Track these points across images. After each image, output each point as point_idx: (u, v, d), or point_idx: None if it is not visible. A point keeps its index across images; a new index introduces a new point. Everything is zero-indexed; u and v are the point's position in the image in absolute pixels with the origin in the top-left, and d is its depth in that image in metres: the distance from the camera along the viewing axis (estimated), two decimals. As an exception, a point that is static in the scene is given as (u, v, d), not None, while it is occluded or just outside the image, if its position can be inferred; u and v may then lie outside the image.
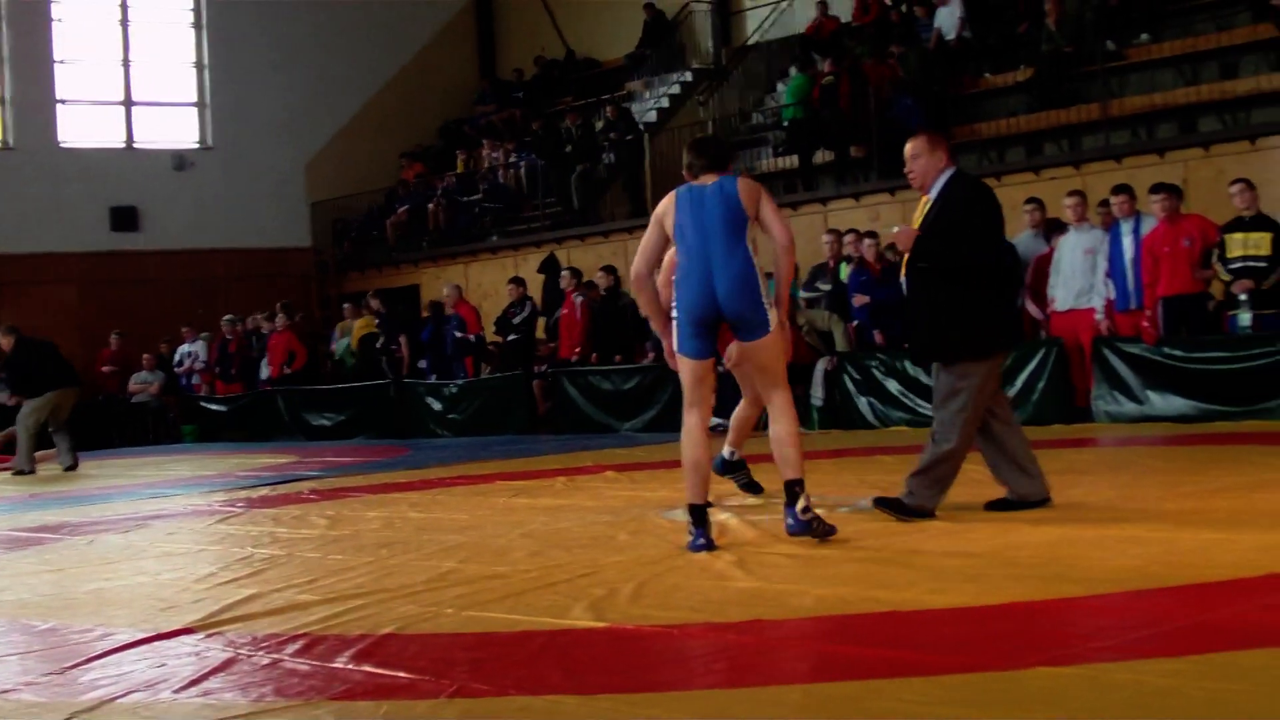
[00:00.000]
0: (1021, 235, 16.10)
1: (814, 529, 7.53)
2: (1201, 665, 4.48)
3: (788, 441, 7.70)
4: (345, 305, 26.59)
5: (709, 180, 7.85)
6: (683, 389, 7.85)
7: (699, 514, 7.71)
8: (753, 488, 9.82)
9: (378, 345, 23.94)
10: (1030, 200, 16.60)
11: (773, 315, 7.69)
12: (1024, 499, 8.32)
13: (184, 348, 26.84)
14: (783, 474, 7.75)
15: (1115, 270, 15.04)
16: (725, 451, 9.69)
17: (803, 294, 17.84)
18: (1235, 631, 4.95)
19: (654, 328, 8.41)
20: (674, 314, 7.96)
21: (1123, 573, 6.10)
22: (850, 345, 17.03)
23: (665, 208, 7.96)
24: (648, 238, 8.01)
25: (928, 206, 8.45)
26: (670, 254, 8.34)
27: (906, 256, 8.47)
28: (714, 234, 7.66)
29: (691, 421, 7.79)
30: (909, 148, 8.56)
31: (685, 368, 7.80)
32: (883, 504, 8.37)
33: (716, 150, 8.14)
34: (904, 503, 8.27)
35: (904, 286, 8.52)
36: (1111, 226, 15.22)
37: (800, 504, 7.57)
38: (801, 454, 7.71)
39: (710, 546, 7.57)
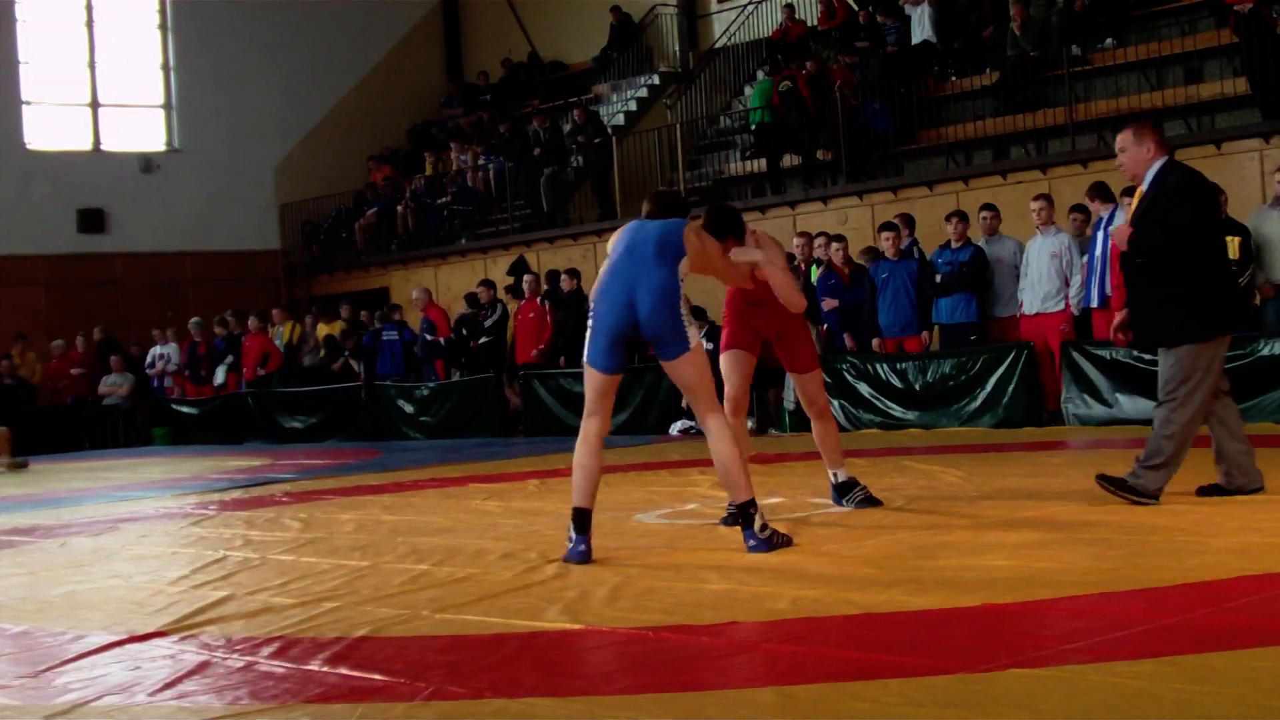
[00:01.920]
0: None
1: (774, 544, 7.50)
2: (1173, 667, 4.51)
3: (730, 465, 7.61)
4: (314, 308, 26.55)
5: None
6: (585, 397, 7.80)
7: (582, 519, 7.60)
8: (871, 501, 9.12)
9: (344, 354, 23.97)
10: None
11: (693, 334, 7.64)
12: (1240, 489, 8.34)
13: (156, 349, 26.74)
14: (733, 497, 7.75)
15: (1090, 267, 15.12)
16: (831, 476, 9.21)
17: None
18: (1206, 633, 4.99)
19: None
20: (589, 323, 7.81)
21: (1094, 575, 6.13)
22: (820, 348, 17.06)
23: (614, 237, 7.97)
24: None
25: (1140, 198, 8.41)
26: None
27: (1123, 252, 8.49)
28: (643, 254, 7.64)
29: (589, 428, 7.77)
30: (1118, 140, 8.52)
31: (593, 379, 7.74)
32: (1106, 481, 8.35)
33: (671, 200, 8.15)
34: (1128, 482, 8.25)
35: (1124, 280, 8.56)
36: (1095, 225, 15.31)
37: (757, 524, 7.54)
38: (746, 474, 7.65)
39: (588, 557, 7.46)
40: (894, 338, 16.49)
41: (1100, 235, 15.07)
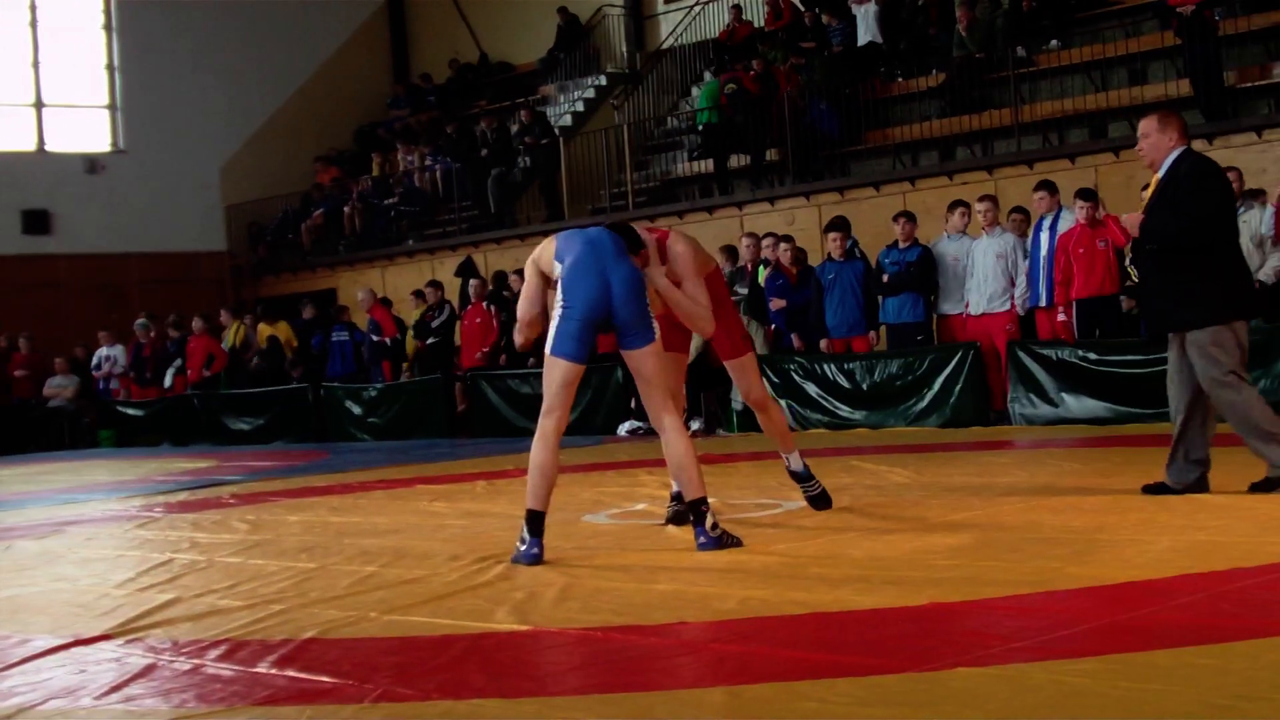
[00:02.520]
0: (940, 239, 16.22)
1: (724, 543, 7.52)
2: (1117, 665, 4.55)
3: (685, 463, 7.62)
4: (256, 309, 26.44)
5: None
6: (544, 392, 7.67)
7: (536, 521, 7.52)
8: (821, 502, 9.00)
9: (291, 356, 23.95)
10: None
11: (656, 327, 7.68)
12: (1187, 488, 8.32)
13: (102, 351, 26.58)
14: (686, 494, 7.75)
15: (1032, 266, 15.21)
16: (785, 461, 9.10)
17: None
18: (1150, 631, 5.03)
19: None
20: (555, 314, 7.74)
21: (1039, 574, 6.17)
22: (767, 349, 17.09)
23: (540, 251, 7.94)
24: (530, 284, 7.98)
25: (1156, 184, 8.39)
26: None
27: (1132, 243, 8.48)
28: (605, 249, 7.66)
29: (548, 426, 7.61)
30: (1140, 126, 8.51)
31: (558, 369, 7.61)
32: (1263, 488, 8.19)
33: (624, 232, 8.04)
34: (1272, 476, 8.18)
35: (1134, 274, 8.51)
36: (1036, 226, 15.40)
37: (708, 522, 7.55)
38: (699, 472, 7.64)
39: (539, 559, 7.42)
40: (841, 338, 16.52)
41: (1044, 236, 15.16)
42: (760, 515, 8.89)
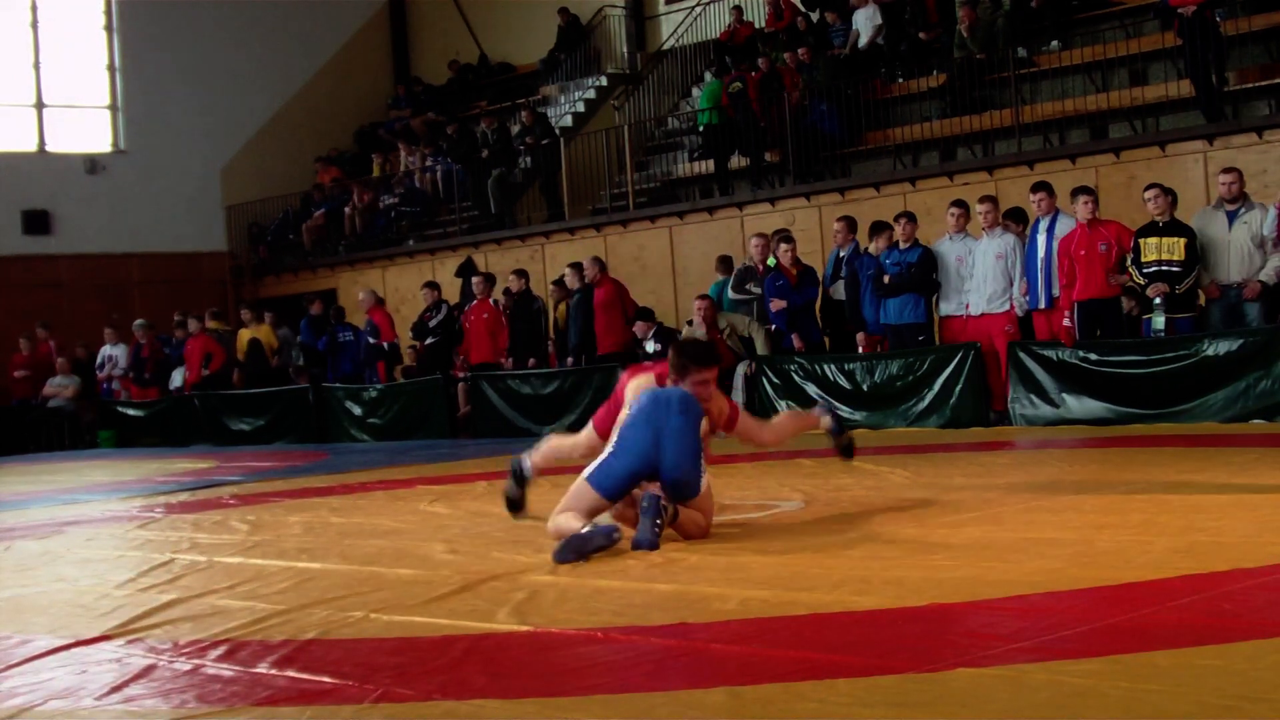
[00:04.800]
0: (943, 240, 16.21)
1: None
2: (1118, 665, 4.54)
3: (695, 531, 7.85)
4: (242, 310, 26.42)
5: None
6: (567, 498, 7.85)
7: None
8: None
9: (290, 354, 23.97)
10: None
11: (705, 480, 7.84)
12: None
13: (105, 350, 26.58)
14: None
15: (1029, 268, 15.21)
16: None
17: (732, 295, 17.93)
18: (1151, 632, 5.02)
19: None
20: (610, 448, 7.90)
21: (1041, 575, 6.16)
22: (768, 349, 17.10)
23: (638, 384, 8.14)
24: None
25: None
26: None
27: None
28: (671, 412, 7.78)
29: (563, 519, 7.76)
30: None
31: (589, 498, 7.78)
32: None
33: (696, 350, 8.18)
34: None
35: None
36: (1033, 228, 15.41)
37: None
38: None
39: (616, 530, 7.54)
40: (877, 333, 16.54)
41: (1041, 239, 15.15)
42: (760, 515, 8.89)
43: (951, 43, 21.62)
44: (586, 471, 7.86)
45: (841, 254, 17.37)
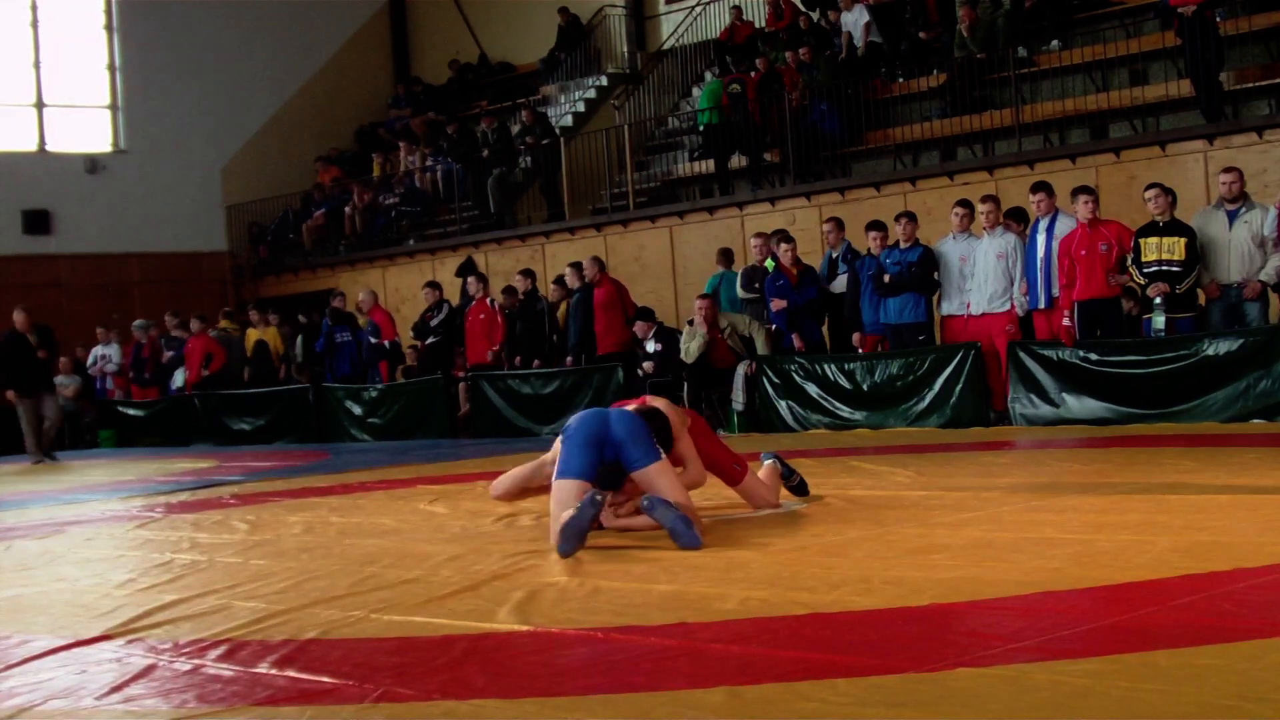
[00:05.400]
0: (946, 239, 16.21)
1: None
2: (1118, 665, 4.54)
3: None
4: (250, 311, 26.41)
5: None
6: (556, 505, 7.74)
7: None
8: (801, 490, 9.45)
9: (295, 354, 23.98)
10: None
11: (659, 449, 7.84)
12: None
13: (98, 349, 26.59)
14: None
15: (1029, 268, 15.21)
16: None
17: (741, 294, 17.94)
18: (1151, 631, 5.02)
19: None
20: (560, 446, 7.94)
21: (1041, 574, 6.16)
22: (768, 349, 17.10)
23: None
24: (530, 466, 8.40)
25: None
26: None
27: None
28: (610, 412, 7.95)
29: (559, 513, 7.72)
30: None
31: (567, 489, 7.72)
32: None
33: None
34: None
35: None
36: (1033, 228, 15.42)
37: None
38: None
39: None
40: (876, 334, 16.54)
41: (1041, 239, 15.15)
42: (760, 515, 8.88)
43: (951, 42, 21.63)
44: (554, 476, 7.86)
45: (834, 254, 17.41)
